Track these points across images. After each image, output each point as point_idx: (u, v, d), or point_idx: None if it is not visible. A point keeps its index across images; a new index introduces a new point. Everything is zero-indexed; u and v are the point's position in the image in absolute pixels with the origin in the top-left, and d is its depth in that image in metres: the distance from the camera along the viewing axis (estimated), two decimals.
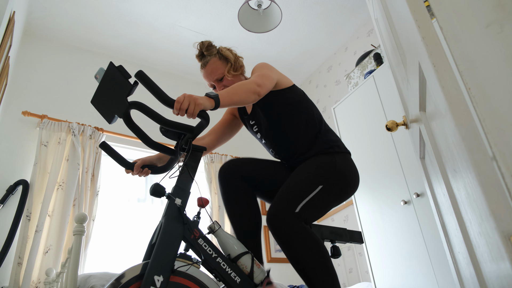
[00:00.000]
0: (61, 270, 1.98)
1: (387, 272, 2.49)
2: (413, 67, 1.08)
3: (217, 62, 1.67)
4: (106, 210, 3.32)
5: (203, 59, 1.70)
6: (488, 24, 0.71)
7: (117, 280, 1.11)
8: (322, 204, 1.45)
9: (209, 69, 1.67)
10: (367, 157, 2.77)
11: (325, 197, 1.44)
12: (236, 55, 1.73)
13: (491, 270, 0.79)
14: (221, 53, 1.69)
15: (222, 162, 4.00)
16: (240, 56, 1.75)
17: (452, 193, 1.03)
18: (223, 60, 1.68)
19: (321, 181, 1.45)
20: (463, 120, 0.72)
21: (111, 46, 3.88)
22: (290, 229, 1.32)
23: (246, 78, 1.75)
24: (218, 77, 1.67)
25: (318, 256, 1.31)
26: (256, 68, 1.61)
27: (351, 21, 3.87)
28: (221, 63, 1.67)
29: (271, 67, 1.63)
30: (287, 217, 1.34)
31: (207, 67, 1.68)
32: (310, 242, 1.32)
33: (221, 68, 1.66)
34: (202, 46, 1.70)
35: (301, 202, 1.38)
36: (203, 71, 1.70)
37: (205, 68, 1.69)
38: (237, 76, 1.70)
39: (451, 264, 1.36)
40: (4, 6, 2.17)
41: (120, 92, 1.21)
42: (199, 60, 1.72)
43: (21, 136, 3.16)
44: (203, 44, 1.70)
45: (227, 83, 1.67)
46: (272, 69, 1.62)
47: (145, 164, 1.53)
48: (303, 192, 1.41)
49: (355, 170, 1.55)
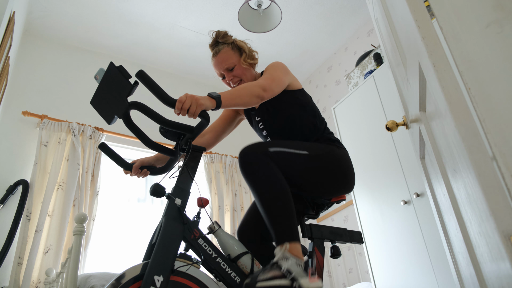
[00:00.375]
0: (61, 270, 1.98)
1: (387, 272, 2.49)
2: (413, 67, 1.08)
3: (229, 51, 1.66)
4: (106, 210, 3.32)
5: (216, 47, 1.68)
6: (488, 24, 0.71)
7: (117, 280, 1.11)
8: (298, 167, 1.39)
9: (220, 58, 1.66)
10: (367, 157, 2.77)
11: (304, 164, 1.40)
12: (250, 48, 1.72)
13: (491, 270, 0.79)
14: (235, 43, 1.68)
15: (222, 162, 4.00)
16: (254, 50, 1.74)
17: (452, 193, 1.03)
18: (236, 50, 1.67)
19: (308, 150, 1.43)
20: (463, 120, 0.72)
21: (111, 46, 3.88)
22: (256, 158, 1.30)
23: (256, 73, 1.74)
24: (229, 66, 1.65)
25: (277, 187, 1.28)
26: (270, 67, 1.60)
27: (351, 21, 3.87)
28: (233, 53, 1.66)
29: (286, 69, 1.62)
30: (258, 149, 1.32)
31: (218, 55, 1.66)
32: (272, 173, 1.29)
33: (232, 58, 1.65)
34: (219, 34, 1.68)
35: (278, 148, 1.36)
36: (214, 60, 1.68)
37: (216, 57, 1.67)
38: (248, 69, 1.68)
39: (451, 264, 1.36)
40: (4, 6, 2.17)
41: (120, 92, 1.21)
42: (211, 49, 1.70)
43: (21, 136, 3.16)
44: (219, 32, 1.69)
45: (237, 73, 1.65)
46: (287, 72, 1.61)
47: (143, 165, 1.53)
48: (285, 145, 1.39)
49: (350, 164, 1.54)
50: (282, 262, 1.17)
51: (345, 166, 1.50)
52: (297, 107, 1.60)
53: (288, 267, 1.16)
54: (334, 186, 1.49)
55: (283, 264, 1.17)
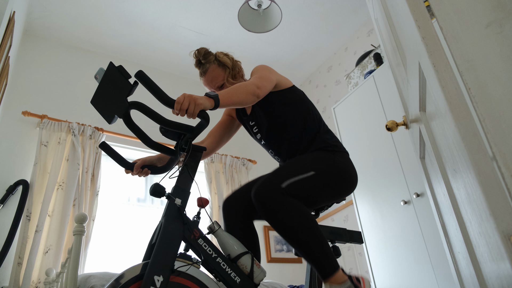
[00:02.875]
0: (61, 270, 1.98)
1: (387, 272, 2.49)
2: (413, 67, 1.08)
3: (216, 69, 1.66)
4: (106, 210, 3.32)
5: (202, 66, 1.69)
6: (488, 24, 0.71)
7: (117, 280, 1.11)
8: (312, 190, 1.41)
9: (209, 77, 1.67)
10: (367, 157, 2.77)
11: (316, 184, 1.42)
12: (234, 60, 1.72)
13: (491, 270, 0.79)
14: (219, 60, 1.67)
15: (222, 162, 4.00)
16: (237, 60, 1.74)
17: (452, 193, 1.03)
18: (222, 66, 1.67)
19: (314, 169, 1.43)
20: (463, 120, 0.72)
21: (111, 46, 3.88)
22: (275, 202, 1.30)
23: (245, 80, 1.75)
24: (219, 84, 1.67)
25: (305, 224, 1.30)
26: (255, 70, 1.61)
27: (351, 21, 3.87)
28: (220, 70, 1.67)
29: (270, 68, 1.63)
30: (272, 191, 1.32)
31: (207, 75, 1.67)
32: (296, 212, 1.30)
33: (221, 75, 1.66)
34: (199, 54, 1.68)
35: (288, 180, 1.37)
36: (203, 79, 1.69)
37: (205, 76, 1.68)
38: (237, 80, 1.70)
39: (451, 264, 1.36)
40: (4, 6, 2.17)
41: (120, 92, 1.21)
42: (197, 67, 1.71)
43: (21, 136, 3.16)
44: (199, 52, 1.68)
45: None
46: (272, 70, 1.62)
47: (145, 164, 1.53)
48: (292, 173, 1.40)
49: (353, 169, 1.55)
50: None
51: (348, 173, 1.52)
52: (288, 106, 1.61)
53: None
54: (341, 193, 1.52)
55: None
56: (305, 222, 1.30)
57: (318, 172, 1.43)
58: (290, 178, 1.37)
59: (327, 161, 1.48)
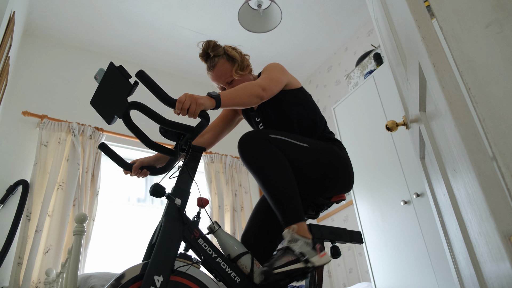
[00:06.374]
0: (61, 270, 1.98)
1: (387, 272, 2.49)
2: (413, 67, 1.08)
3: (225, 64, 1.61)
4: (106, 210, 3.32)
5: (210, 60, 1.63)
6: (488, 24, 0.71)
7: (117, 280, 1.10)
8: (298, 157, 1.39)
9: (218, 72, 1.61)
10: (367, 157, 2.77)
11: (305, 154, 1.40)
12: (242, 54, 1.68)
13: (491, 270, 0.79)
14: (228, 54, 1.62)
15: (222, 162, 4.00)
16: (246, 54, 1.70)
17: (452, 193, 1.03)
18: (231, 61, 1.62)
19: (309, 144, 1.43)
20: (463, 120, 0.72)
21: (111, 46, 3.88)
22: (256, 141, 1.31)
23: (254, 77, 1.72)
24: (229, 80, 1.62)
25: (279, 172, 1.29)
26: (267, 68, 1.58)
27: (351, 21, 3.87)
28: (229, 64, 1.61)
29: (283, 69, 1.60)
30: (258, 136, 1.33)
31: (215, 69, 1.61)
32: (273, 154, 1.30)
33: (230, 70, 1.61)
34: (208, 46, 1.61)
35: (279, 136, 1.36)
36: (210, 74, 1.63)
37: (213, 71, 1.62)
38: (245, 76, 1.65)
39: (451, 264, 1.36)
40: (4, 6, 2.17)
41: (120, 92, 1.21)
42: (203, 60, 1.65)
43: (21, 136, 3.16)
44: (208, 44, 1.62)
45: (236, 84, 1.62)
46: (284, 71, 1.60)
47: (143, 165, 1.53)
48: (286, 135, 1.39)
49: (350, 165, 1.54)
50: (293, 245, 1.21)
51: (344, 165, 1.50)
52: (296, 106, 1.60)
53: (300, 250, 1.20)
54: (332, 183, 1.48)
55: (294, 247, 1.21)
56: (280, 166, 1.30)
57: (313, 148, 1.43)
58: (282, 136, 1.37)
59: (325, 147, 1.48)
